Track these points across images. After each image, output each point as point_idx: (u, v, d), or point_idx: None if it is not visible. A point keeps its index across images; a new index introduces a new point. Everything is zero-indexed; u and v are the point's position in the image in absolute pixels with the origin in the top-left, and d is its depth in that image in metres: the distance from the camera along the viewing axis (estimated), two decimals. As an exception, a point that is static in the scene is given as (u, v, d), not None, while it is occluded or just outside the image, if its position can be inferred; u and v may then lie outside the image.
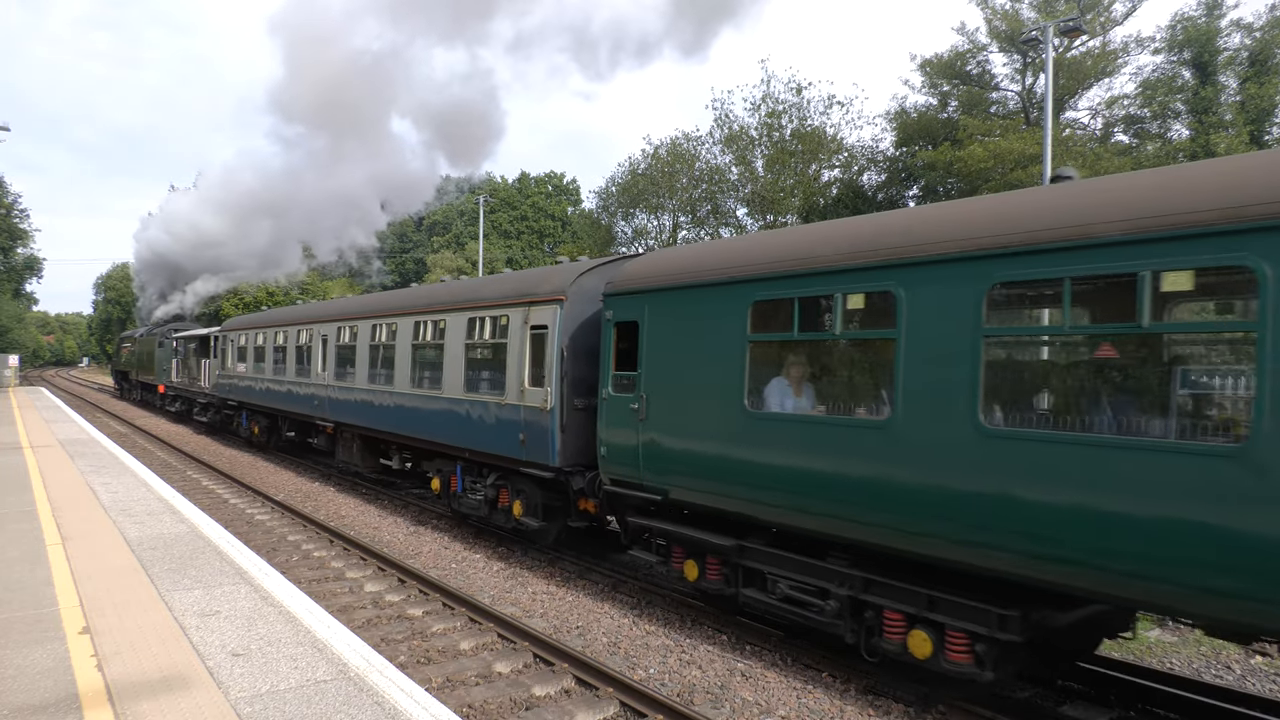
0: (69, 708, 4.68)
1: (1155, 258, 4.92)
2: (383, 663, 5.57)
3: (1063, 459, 5.32)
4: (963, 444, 5.81)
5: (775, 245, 7.81)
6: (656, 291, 8.85)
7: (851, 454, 6.64)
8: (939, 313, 6.01)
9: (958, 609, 6.12)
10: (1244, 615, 4.72)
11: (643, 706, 6.58)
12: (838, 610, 7.03)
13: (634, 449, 8.91)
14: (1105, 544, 5.10)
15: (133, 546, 8.61)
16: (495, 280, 13.05)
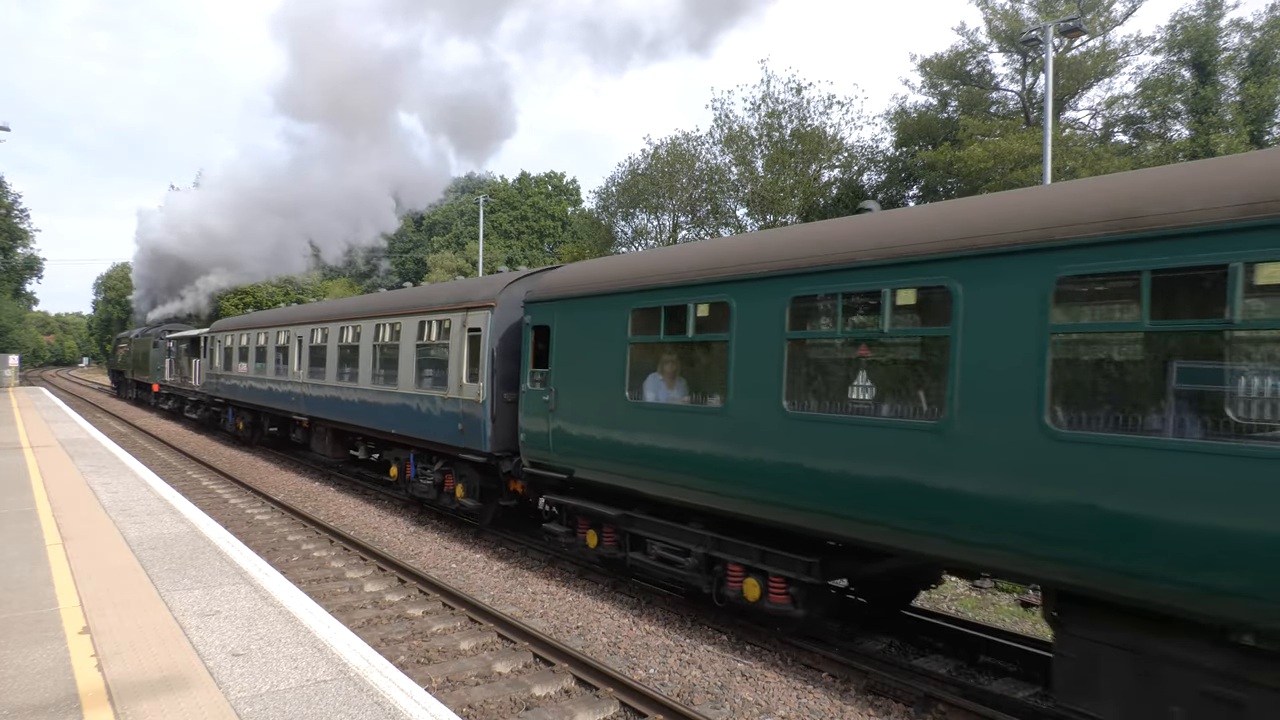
0: (69, 708, 4.68)
1: (892, 279, 6.47)
2: (383, 663, 5.57)
3: (835, 435, 6.83)
4: (772, 425, 7.30)
5: (648, 262, 9.55)
6: (564, 300, 10.29)
7: (701, 436, 8.11)
8: (758, 320, 7.53)
9: (777, 560, 7.65)
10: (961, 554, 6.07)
11: (643, 706, 6.58)
12: (695, 565, 8.51)
13: (546, 435, 10.36)
14: (864, 503, 6.58)
15: (133, 546, 8.61)
16: (441, 288, 14.86)
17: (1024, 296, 5.61)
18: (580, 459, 9.87)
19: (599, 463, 9.57)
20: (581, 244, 48.62)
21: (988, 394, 5.77)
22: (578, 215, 71.26)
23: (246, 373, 23.16)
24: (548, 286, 10.75)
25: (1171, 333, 5.59)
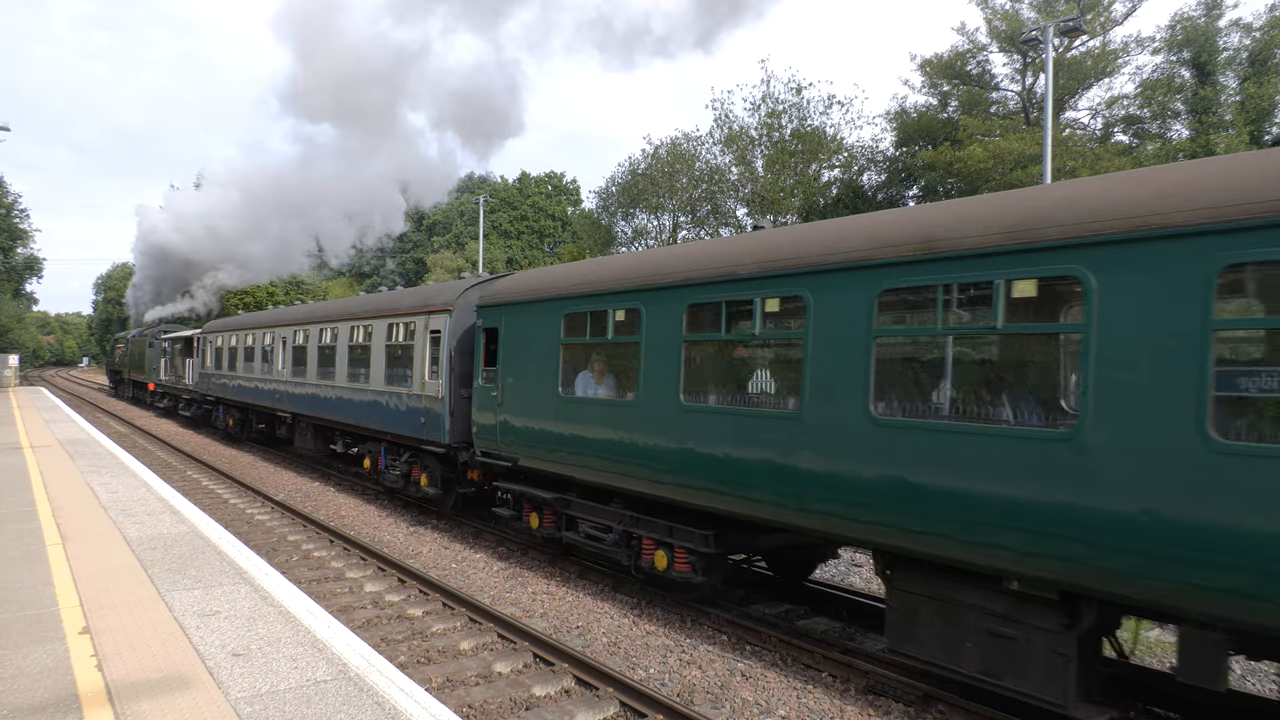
0: (69, 708, 4.68)
1: (763, 290, 7.57)
2: (383, 663, 5.57)
3: (720, 424, 7.99)
4: (672, 416, 8.44)
5: (578, 272, 10.63)
6: (510, 305, 11.45)
7: (619, 426, 9.17)
8: (662, 324, 8.77)
9: (681, 533, 8.73)
10: (816, 525, 7.14)
11: (643, 706, 6.58)
12: (616, 541, 9.62)
13: (495, 427, 11.54)
14: (745, 482, 7.67)
15: (133, 546, 8.61)
16: (408, 293, 15.82)
17: (856, 305, 6.69)
18: (523, 448, 11.02)
19: (539, 451, 10.70)
20: (581, 244, 48.60)
21: (829, 387, 6.85)
22: (578, 215, 71.26)
23: (235, 372, 24.17)
24: (496, 293, 11.94)
25: (957, 336, 6.96)
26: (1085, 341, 5.31)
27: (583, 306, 10.00)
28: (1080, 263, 5.37)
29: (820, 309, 6.97)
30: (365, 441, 16.50)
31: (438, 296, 13.77)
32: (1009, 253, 5.73)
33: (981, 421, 6.56)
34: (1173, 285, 4.93)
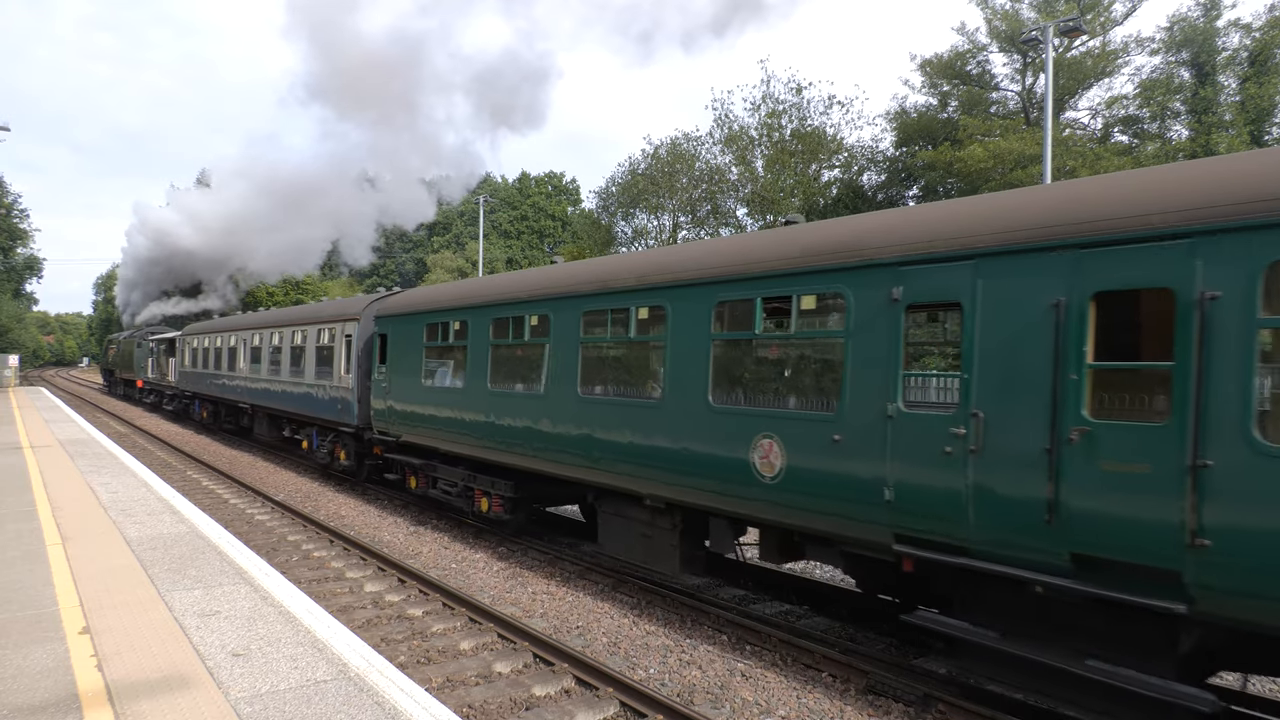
0: (69, 708, 4.68)
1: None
2: (383, 663, 5.56)
3: (511, 404, 11.10)
4: (483, 399, 11.71)
5: (435, 292, 14.19)
6: (394, 316, 14.78)
7: (460, 407, 12.41)
8: (479, 332, 11.87)
9: (496, 484, 11.95)
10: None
11: (643, 706, 6.58)
12: (459, 493, 12.94)
13: (385, 410, 14.81)
14: (531, 445, 10.65)
15: (133, 546, 8.61)
16: (332, 304, 20.34)
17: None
18: (404, 427, 14.18)
19: (413, 428, 13.91)
20: (582, 244, 48.62)
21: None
22: (578, 215, 71.27)
23: (208, 370, 27.51)
24: (385, 306, 15.47)
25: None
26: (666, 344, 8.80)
27: (435, 319, 13.34)
28: (665, 298, 8.69)
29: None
30: (304, 426, 19.64)
31: (349, 308, 17.25)
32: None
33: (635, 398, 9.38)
34: (698, 313, 8.27)
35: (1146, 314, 6.03)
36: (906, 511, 6.36)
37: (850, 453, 6.73)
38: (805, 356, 8.31)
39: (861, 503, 6.64)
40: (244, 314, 30.04)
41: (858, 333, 6.73)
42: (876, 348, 6.61)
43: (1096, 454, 5.27)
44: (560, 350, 10.25)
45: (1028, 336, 5.65)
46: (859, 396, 6.70)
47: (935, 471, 6.12)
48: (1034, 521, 5.55)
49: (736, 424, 7.78)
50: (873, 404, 6.58)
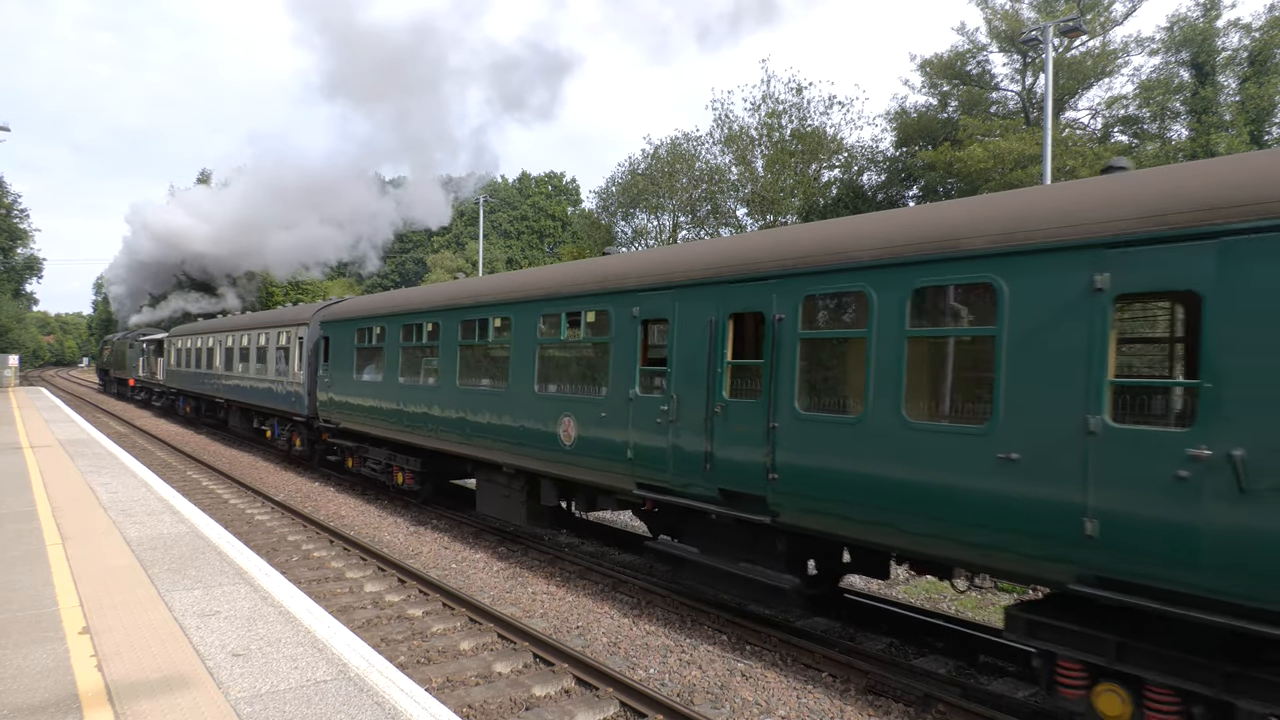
0: (69, 708, 4.68)
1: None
2: (383, 663, 5.56)
3: (419, 395, 13.37)
4: (394, 391, 14.24)
5: (363, 302, 17.16)
6: (334, 322, 17.55)
7: (380, 398, 14.87)
8: (393, 336, 14.57)
9: (409, 461, 14.62)
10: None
11: (643, 706, 6.58)
12: (382, 470, 15.67)
13: (328, 402, 17.40)
14: (435, 427, 12.92)
15: (133, 546, 8.61)
16: (288, 311, 22.59)
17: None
18: (341, 415, 16.82)
19: (349, 416, 16.46)
20: (582, 244, 48.60)
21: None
22: (578, 215, 71.28)
23: (191, 369, 30.15)
24: (327, 314, 18.28)
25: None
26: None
27: (363, 325, 16.06)
28: (509, 311, 11.29)
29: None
30: (268, 418, 22.39)
31: (301, 315, 19.90)
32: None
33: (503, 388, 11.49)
34: (528, 323, 10.82)
35: (752, 329, 8.46)
36: (640, 465, 8.82)
37: (609, 425, 9.26)
38: (586, 356, 10.47)
39: (616, 460, 9.12)
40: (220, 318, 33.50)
41: (617, 339, 9.24)
42: (623, 350, 9.19)
43: (729, 421, 7.81)
44: (446, 351, 12.87)
45: (699, 343, 8.16)
46: (615, 384, 9.21)
47: (654, 435, 8.62)
48: (700, 468, 8.04)
49: (550, 406, 10.32)
50: (621, 391, 9.12)
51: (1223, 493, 4.61)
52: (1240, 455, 4.56)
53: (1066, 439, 5.25)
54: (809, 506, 7.06)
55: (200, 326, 30.62)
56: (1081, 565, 5.22)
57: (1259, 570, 4.50)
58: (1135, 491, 4.96)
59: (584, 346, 10.31)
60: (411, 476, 14.68)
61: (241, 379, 23.62)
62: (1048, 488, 5.35)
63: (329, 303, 19.58)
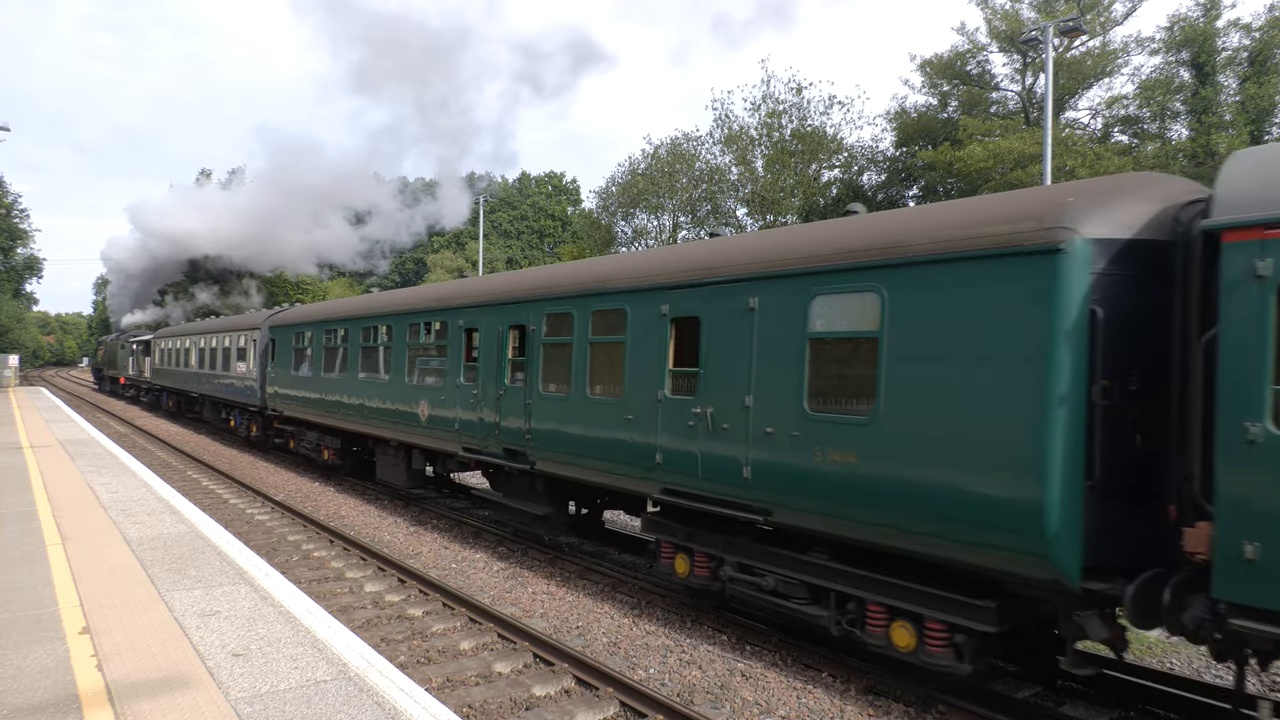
0: (69, 708, 4.68)
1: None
2: (383, 663, 5.56)
3: (340, 386, 16.56)
4: (319, 384, 17.70)
5: (301, 311, 20.62)
6: (278, 326, 20.97)
7: (310, 389, 18.03)
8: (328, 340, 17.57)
9: (332, 441, 17.98)
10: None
11: (643, 706, 6.58)
12: (313, 448, 18.74)
13: (273, 394, 20.70)
14: (347, 411, 16.30)
15: (133, 546, 8.61)
16: (246, 317, 26.61)
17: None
18: (284, 405, 20.05)
19: (289, 406, 19.72)
20: (582, 244, 48.59)
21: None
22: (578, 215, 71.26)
23: (173, 367, 33.54)
24: (274, 320, 21.67)
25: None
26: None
27: (298, 329, 19.60)
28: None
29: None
30: (231, 409, 26.01)
31: (255, 321, 23.33)
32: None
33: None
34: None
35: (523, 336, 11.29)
36: (463, 434, 12.24)
37: (446, 406, 12.66)
38: (435, 356, 13.51)
39: (450, 432, 12.58)
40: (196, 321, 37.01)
41: (450, 344, 12.76)
42: (454, 352, 12.63)
43: (508, 400, 11.24)
44: (352, 351, 16.35)
45: (493, 347, 11.76)
46: (449, 377, 12.68)
47: (469, 412, 12.02)
48: (493, 433, 11.45)
49: (413, 393, 13.74)
50: (453, 382, 12.52)
51: (706, 433, 7.96)
52: (711, 411, 7.90)
53: (650, 405, 8.63)
54: (548, 456, 10.44)
55: (179, 329, 34.59)
56: (659, 482, 8.57)
57: (718, 473, 7.87)
58: (674, 434, 8.36)
59: (433, 349, 13.53)
60: (333, 453, 18.04)
61: (211, 376, 27.22)
62: (644, 435, 8.72)
63: (275, 311, 23.07)
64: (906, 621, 6.44)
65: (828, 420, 6.78)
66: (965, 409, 5.79)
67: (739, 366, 7.60)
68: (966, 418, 5.78)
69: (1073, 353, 5.26)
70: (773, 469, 7.23)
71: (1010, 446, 5.50)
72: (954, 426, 5.85)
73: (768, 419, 7.27)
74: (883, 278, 6.37)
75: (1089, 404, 5.27)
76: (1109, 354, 5.28)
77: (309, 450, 19.37)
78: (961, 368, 5.84)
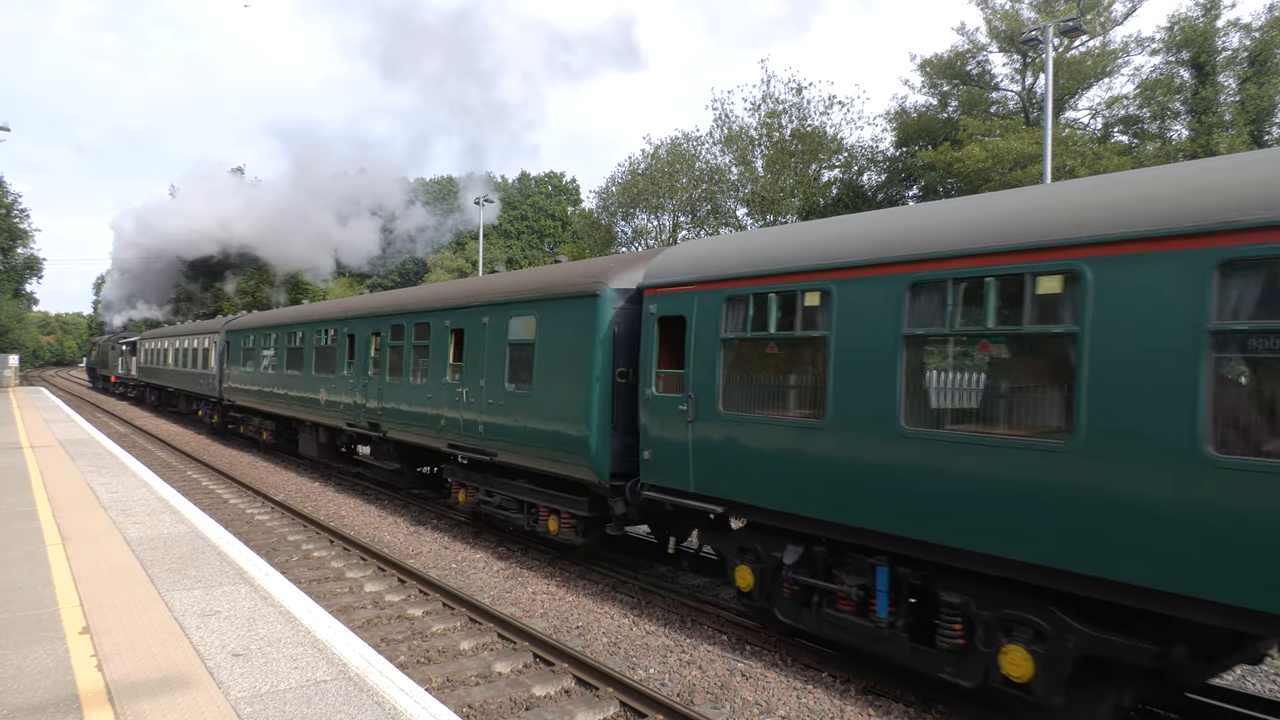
0: (69, 708, 4.68)
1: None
2: (383, 663, 5.56)
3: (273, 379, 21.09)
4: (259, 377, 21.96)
5: (249, 318, 25.47)
6: (233, 331, 24.89)
7: (254, 383, 22.41)
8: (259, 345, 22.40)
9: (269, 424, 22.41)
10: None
11: (643, 706, 6.58)
12: (257, 431, 23.28)
13: (230, 387, 24.47)
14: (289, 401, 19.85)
15: (133, 546, 8.61)
16: (208, 323, 31.69)
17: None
18: (236, 396, 23.91)
19: (240, 396, 23.47)
20: (582, 244, 48.58)
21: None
22: (578, 215, 71.24)
23: (154, 365, 38.15)
24: (230, 325, 25.65)
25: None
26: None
27: (245, 334, 23.36)
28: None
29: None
30: (198, 400, 30.50)
31: (215, 326, 27.90)
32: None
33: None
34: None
35: (384, 338, 14.95)
36: (346, 414, 15.97)
37: (334, 393, 16.58)
38: (333, 354, 17.08)
39: (338, 411, 16.50)
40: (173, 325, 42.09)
41: (339, 346, 16.65)
42: (340, 351, 16.52)
43: (371, 386, 15.11)
44: (279, 351, 20.23)
45: (366, 349, 15.48)
46: (338, 370, 16.51)
47: (348, 396, 15.88)
48: (363, 410, 15.28)
49: (316, 383, 17.66)
50: (340, 374, 16.44)
51: (465, 405, 11.89)
52: (466, 391, 11.71)
53: (440, 388, 12.63)
54: (393, 426, 14.40)
55: (159, 332, 39.60)
56: (446, 439, 12.49)
57: (469, 431, 11.83)
58: (452, 407, 12.26)
59: (328, 350, 17.43)
60: (270, 434, 22.30)
61: (182, 373, 31.80)
62: (436, 409, 12.65)
63: (231, 319, 28.06)
64: (554, 516, 10.51)
65: (515, 394, 10.84)
66: (563, 385, 9.82)
67: (479, 361, 11.71)
68: (563, 390, 9.81)
69: (604, 352, 9.26)
70: (493, 426, 11.32)
71: (577, 406, 9.49)
72: (559, 395, 9.90)
73: (490, 394, 11.37)
74: (538, 306, 10.56)
75: (613, 382, 9.25)
76: (620, 353, 9.25)
77: (253, 432, 23.52)
78: (563, 361, 9.87)
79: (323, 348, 17.63)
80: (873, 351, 6.39)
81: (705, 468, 8.00)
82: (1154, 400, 4.80)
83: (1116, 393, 4.97)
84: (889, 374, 6.25)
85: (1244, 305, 4.59)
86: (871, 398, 6.37)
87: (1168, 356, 4.74)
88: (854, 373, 6.55)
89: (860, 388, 6.50)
